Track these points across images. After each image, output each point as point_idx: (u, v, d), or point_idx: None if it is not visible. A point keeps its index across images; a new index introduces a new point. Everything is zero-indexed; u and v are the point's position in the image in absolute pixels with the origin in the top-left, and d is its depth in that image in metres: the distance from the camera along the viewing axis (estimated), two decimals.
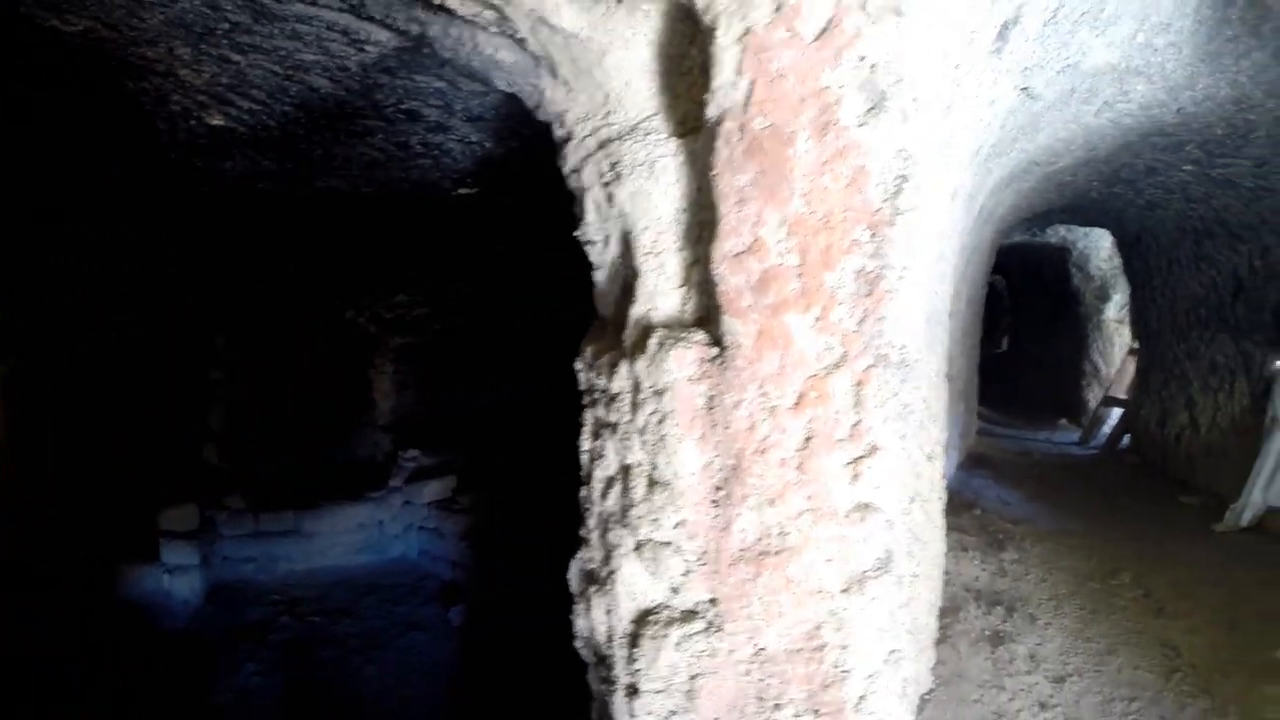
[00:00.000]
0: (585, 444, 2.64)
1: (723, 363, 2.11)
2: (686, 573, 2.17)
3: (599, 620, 2.48)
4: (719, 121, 2.05)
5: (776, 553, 2.08)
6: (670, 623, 2.19)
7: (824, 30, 1.88)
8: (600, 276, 2.68)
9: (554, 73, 2.51)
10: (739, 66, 1.98)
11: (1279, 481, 6.45)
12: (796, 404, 2.03)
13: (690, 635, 2.17)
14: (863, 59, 1.89)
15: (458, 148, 6.20)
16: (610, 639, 2.45)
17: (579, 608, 2.67)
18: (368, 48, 4.13)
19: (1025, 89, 3.49)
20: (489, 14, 2.42)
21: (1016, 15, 2.54)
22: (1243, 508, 6.65)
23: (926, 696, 3.72)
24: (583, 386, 2.66)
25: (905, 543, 2.28)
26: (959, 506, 6.62)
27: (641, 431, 2.23)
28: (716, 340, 2.18)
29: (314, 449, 11.66)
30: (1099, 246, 13.16)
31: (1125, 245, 10.09)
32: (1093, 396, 13.29)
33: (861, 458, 2.04)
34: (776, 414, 2.04)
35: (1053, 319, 14.90)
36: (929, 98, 2.07)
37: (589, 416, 2.60)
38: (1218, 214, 7.09)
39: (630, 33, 2.19)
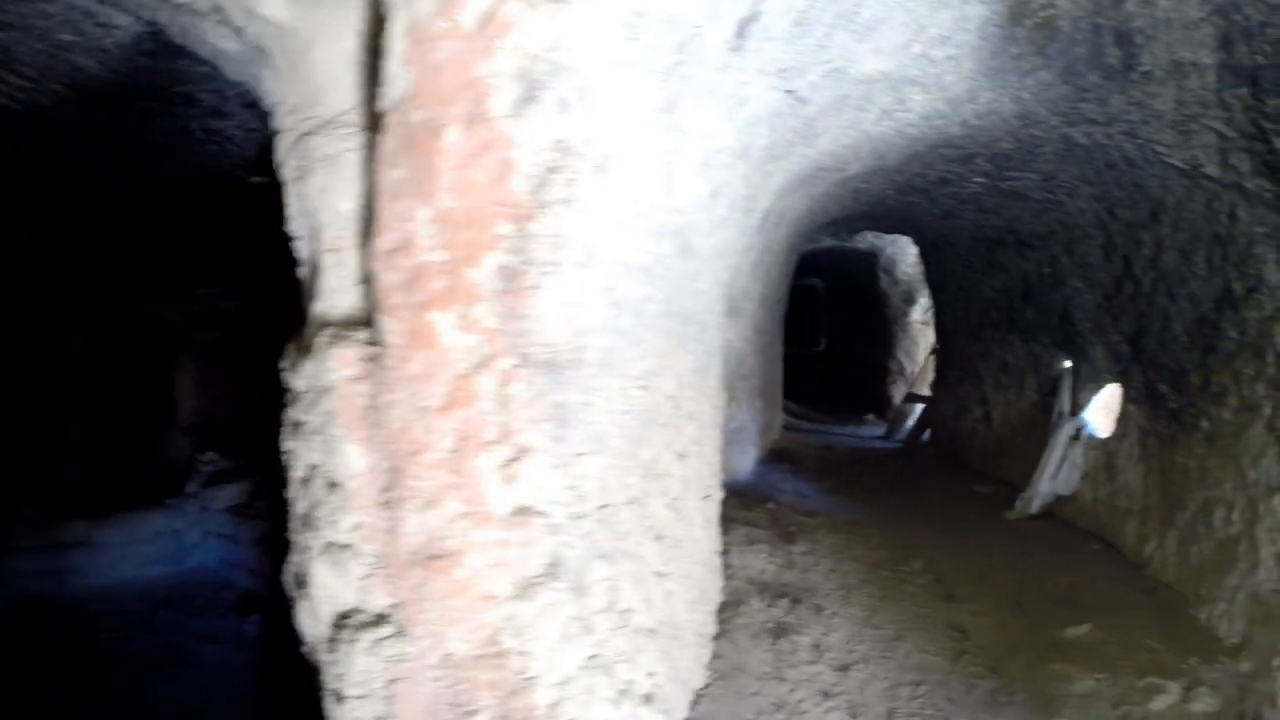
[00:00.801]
0: (285, 444, 2.44)
1: (381, 363, 1.99)
2: (368, 576, 2.04)
3: (308, 624, 2.32)
4: (387, 115, 1.96)
5: (443, 557, 1.97)
6: (362, 627, 2.06)
7: (483, 19, 1.80)
8: (302, 273, 2.46)
9: (270, 64, 2.32)
10: (405, 58, 1.89)
11: (1065, 471, 6.69)
12: (446, 405, 1.93)
13: (381, 640, 2.04)
14: (518, 48, 1.82)
15: (240, 135, 5.73)
16: (316, 643, 2.31)
17: (296, 611, 2.48)
18: (114, 30, 3.84)
19: (790, 91, 3.40)
20: (204, 2, 2.25)
21: (754, 12, 2.48)
22: (1031, 496, 6.91)
23: (702, 692, 3.58)
24: (285, 385, 2.45)
25: (594, 547, 2.17)
26: (753, 501, 6.61)
27: (318, 432, 2.09)
28: (378, 339, 2.06)
29: (116, 453, 10.59)
30: (906, 253, 13.58)
31: (925, 251, 10.40)
32: (898, 393, 13.74)
33: (514, 460, 1.95)
34: (428, 415, 1.93)
35: (863, 320, 15.38)
36: (610, 89, 2.00)
37: (287, 416, 2.41)
38: (1009, 224, 7.31)
39: (335, 24, 2.05)
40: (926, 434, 10.84)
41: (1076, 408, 6.71)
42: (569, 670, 2.09)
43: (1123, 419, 6.04)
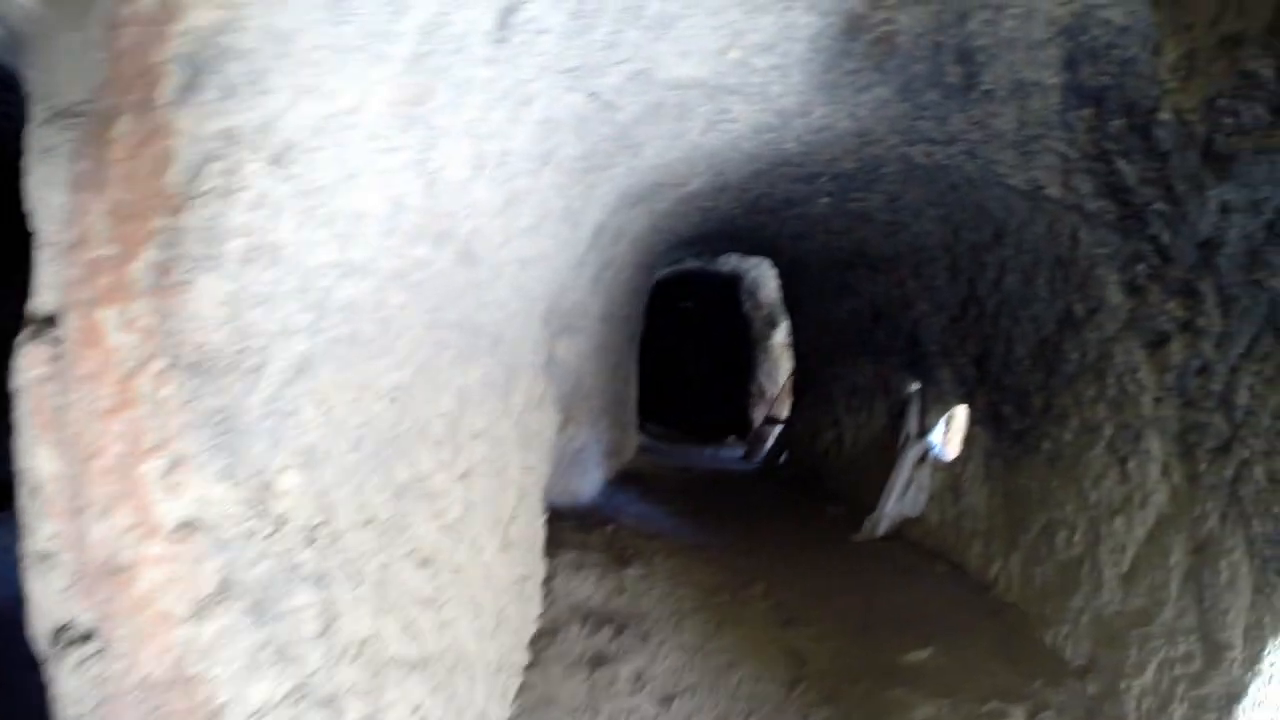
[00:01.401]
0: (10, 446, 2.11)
1: (64, 362, 1.80)
2: (69, 587, 1.83)
3: (36, 638, 2.04)
4: (86, 104, 1.78)
5: (123, 570, 1.77)
6: (72, 643, 1.85)
7: (162, 2, 1.67)
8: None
9: (27, 51, 2.06)
10: (100, 44, 1.73)
11: (912, 492, 6.58)
12: (114, 408, 1.74)
13: (88, 657, 1.83)
14: (188, 32, 1.67)
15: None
16: (42, 659, 2.05)
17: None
18: None
19: (593, 95, 3.11)
20: None
21: (515, 2, 2.32)
22: (879, 517, 6.76)
23: None
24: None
25: (293, 568, 1.97)
26: (592, 524, 6.24)
27: (20, 433, 1.88)
28: (62, 338, 1.85)
29: None
30: (769, 276, 13.39)
31: (782, 274, 10.36)
32: (759, 415, 13.68)
33: (175, 468, 1.75)
34: (99, 418, 1.75)
35: (728, 343, 15.38)
36: (303, 75, 1.83)
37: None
38: (858, 246, 7.23)
39: (78, 11, 1.83)
40: (784, 456, 10.71)
41: (924, 430, 6.64)
42: (264, 701, 1.87)
43: (968, 441, 5.96)
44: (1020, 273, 4.96)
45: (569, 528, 5.85)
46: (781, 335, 13.84)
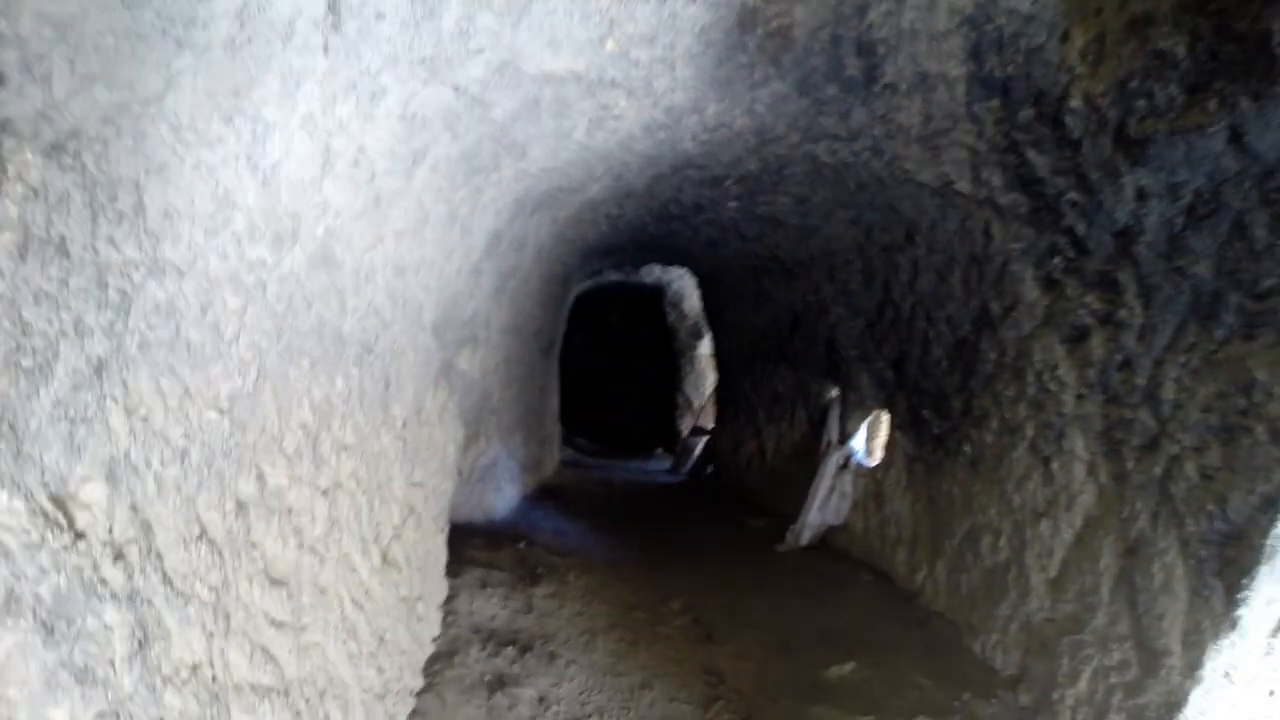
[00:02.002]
0: None
1: None
2: None
3: None
4: None
5: None
6: None
7: None
8: None
9: None
10: None
11: (835, 500, 6.31)
12: None
13: None
14: None
15: None
16: None
17: None
18: None
19: (458, 89, 2.85)
20: None
21: None
22: (802, 527, 6.51)
23: None
24: None
25: (94, 585, 1.74)
26: (502, 541, 5.90)
27: None
28: None
29: None
30: (692, 287, 13.20)
31: (702, 283, 10.17)
32: (685, 426, 13.52)
33: None
34: None
35: (653, 355, 15.18)
36: (87, 61, 1.55)
37: None
38: (771, 252, 7.01)
39: None
40: (710, 468, 10.51)
41: (845, 436, 6.40)
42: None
43: (890, 446, 5.74)
44: (934, 272, 4.75)
45: (477, 545, 5.53)
46: (707, 346, 13.62)
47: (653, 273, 13.34)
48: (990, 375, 4.34)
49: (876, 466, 5.95)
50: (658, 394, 14.83)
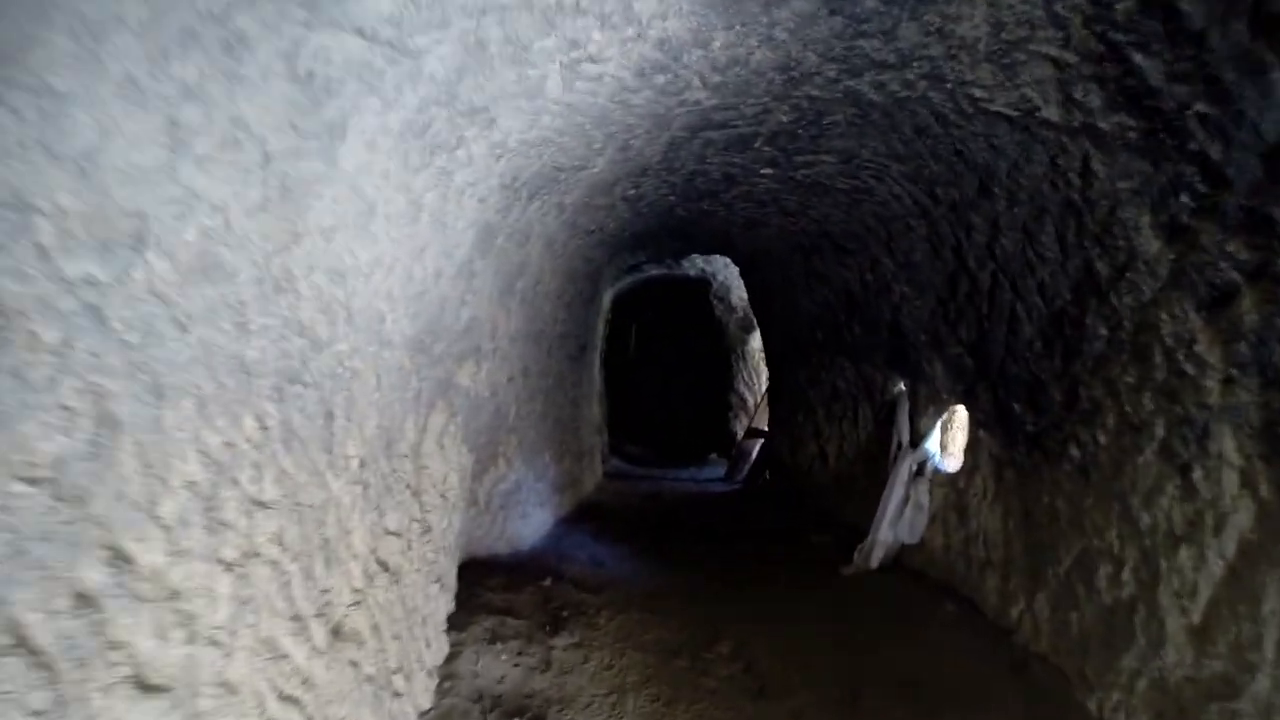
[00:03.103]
0: None
1: None
2: None
3: None
4: None
5: None
6: None
7: None
8: None
9: None
10: None
11: (909, 514, 5.59)
12: None
13: None
14: None
15: None
16: None
17: None
18: None
19: (361, 32, 2.18)
20: None
21: None
22: (871, 546, 5.79)
23: None
24: None
25: None
26: (527, 577, 5.28)
27: None
28: None
29: None
30: (738, 276, 12.68)
31: (745, 271, 9.67)
32: (740, 428, 13.04)
33: None
34: None
35: (701, 353, 14.66)
36: None
37: None
38: (819, 225, 6.35)
39: None
40: (767, 474, 9.98)
41: (917, 437, 5.66)
42: None
43: (973, 448, 4.96)
44: (1019, 230, 3.96)
45: (496, 585, 4.95)
46: (758, 341, 13.19)
47: (695, 264, 12.93)
48: (1101, 356, 3.53)
49: (957, 473, 5.19)
50: (709, 395, 14.35)
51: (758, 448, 10.88)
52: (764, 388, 12.49)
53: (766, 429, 10.65)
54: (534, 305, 5.90)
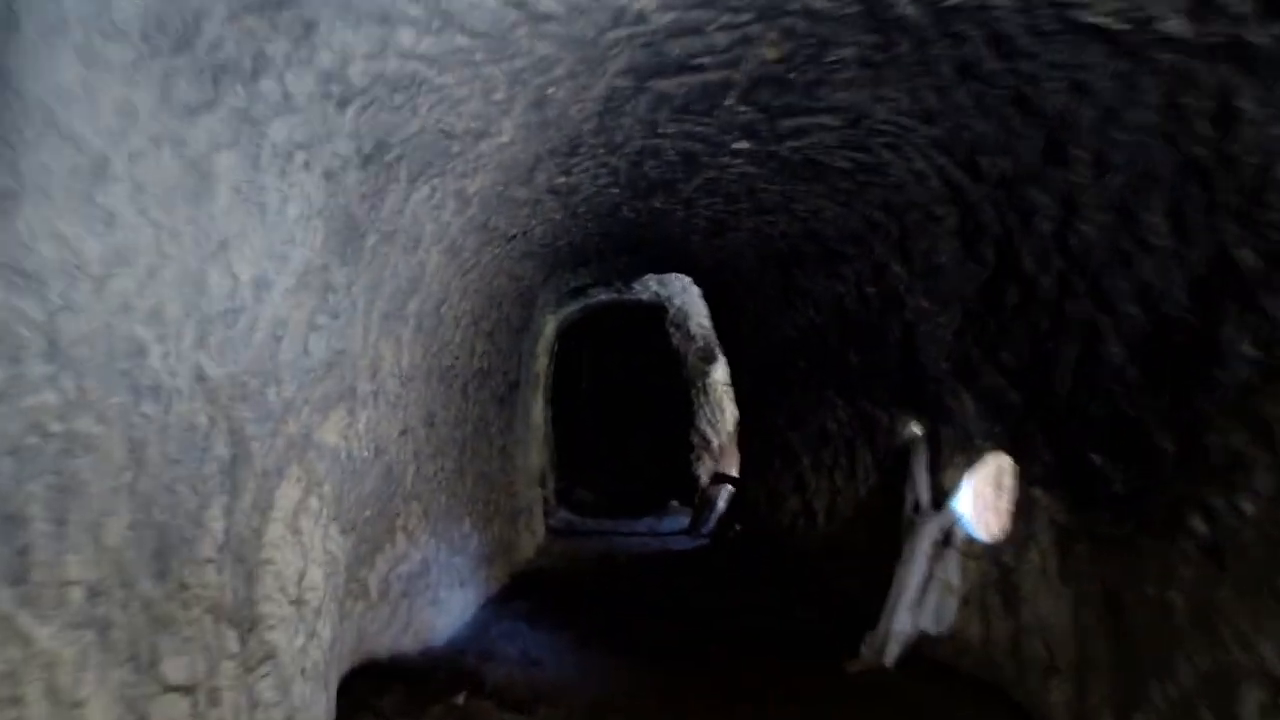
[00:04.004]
0: None
1: None
2: None
3: None
4: None
5: None
6: None
7: None
8: None
9: None
10: None
11: (933, 596, 4.64)
12: None
13: None
14: None
15: None
16: None
17: None
18: None
19: None
20: None
21: None
22: (884, 636, 4.77)
23: None
24: None
25: None
26: (433, 689, 4.26)
27: None
28: None
29: None
30: (698, 298, 12.18)
31: (707, 291, 9.23)
32: (704, 473, 12.46)
33: None
34: None
35: (658, 387, 14.06)
36: None
37: None
38: (805, 225, 5.49)
39: None
40: (737, 527, 9.27)
41: (940, 496, 4.70)
42: None
43: (1024, 510, 3.98)
44: (1108, 209, 2.98)
45: (390, 706, 3.92)
46: (722, 372, 12.71)
47: (649, 287, 12.38)
48: (1245, 387, 2.57)
49: (1002, 543, 4.20)
50: (668, 434, 13.70)
51: (725, 496, 10.30)
52: (730, 427, 12.07)
53: (736, 475, 10.01)
54: (437, 334, 4.98)
